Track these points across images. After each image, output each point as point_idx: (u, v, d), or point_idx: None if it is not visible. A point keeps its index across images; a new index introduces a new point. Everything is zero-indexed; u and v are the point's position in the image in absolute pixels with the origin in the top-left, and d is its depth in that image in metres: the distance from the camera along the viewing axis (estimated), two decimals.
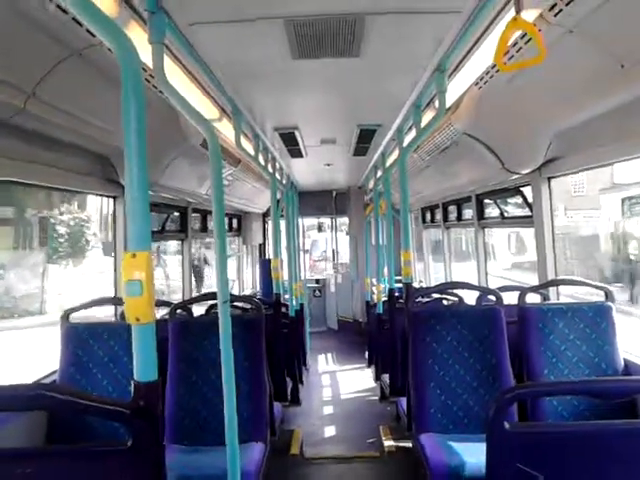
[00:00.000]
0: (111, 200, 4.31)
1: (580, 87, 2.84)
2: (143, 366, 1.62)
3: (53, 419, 3.12)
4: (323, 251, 13.55)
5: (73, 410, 1.57)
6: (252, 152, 4.92)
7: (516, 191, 4.83)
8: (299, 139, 5.32)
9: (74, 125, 3.05)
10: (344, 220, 11.76)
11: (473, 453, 2.84)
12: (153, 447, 1.57)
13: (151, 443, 1.55)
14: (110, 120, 3.08)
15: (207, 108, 3.86)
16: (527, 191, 4.61)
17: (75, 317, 3.49)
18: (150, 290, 1.60)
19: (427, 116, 4.01)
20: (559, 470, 1.45)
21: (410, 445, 3.62)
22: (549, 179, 4.11)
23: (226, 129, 4.41)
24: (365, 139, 5.39)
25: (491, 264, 7.49)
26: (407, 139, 4.66)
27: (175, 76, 3.06)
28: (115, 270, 4.35)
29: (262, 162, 5.31)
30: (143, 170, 1.64)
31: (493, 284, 5.35)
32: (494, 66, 3.08)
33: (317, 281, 11.59)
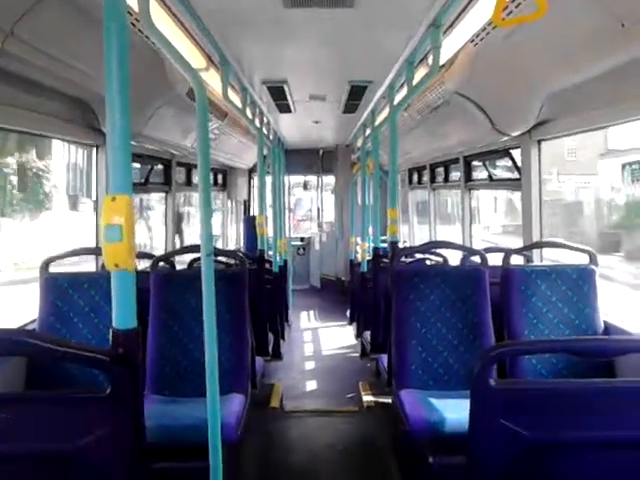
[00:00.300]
0: (80, 150, 4.18)
1: (578, 46, 2.78)
2: (122, 313, 1.60)
3: (32, 366, 3.10)
4: (308, 210, 13.35)
5: (52, 357, 1.55)
6: (239, 105, 4.81)
7: (505, 153, 4.80)
8: (288, 94, 5.22)
9: (55, 68, 2.93)
10: (329, 180, 11.69)
11: (452, 409, 2.89)
12: (132, 395, 1.56)
13: (130, 391, 1.54)
14: (92, 64, 2.96)
15: (194, 56, 3.74)
16: (516, 154, 4.58)
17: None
18: (130, 236, 1.57)
19: (420, 73, 3.94)
20: (541, 427, 1.46)
21: (389, 401, 3.68)
22: (539, 142, 4.08)
23: (213, 80, 4.29)
24: (355, 96, 5.30)
25: (479, 228, 7.45)
26: (398, 97, 4.58)
27: (161, 20, 2.94)
28: (97, 221, 4.28)
29: (249, 116, 5.20)
30: (125, 115, 1.60)
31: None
32: (491, 22, 3.00)
33: (301, 239, 11.58)
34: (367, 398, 4.88)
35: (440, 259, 4.55)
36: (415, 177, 8.45)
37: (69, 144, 4.14)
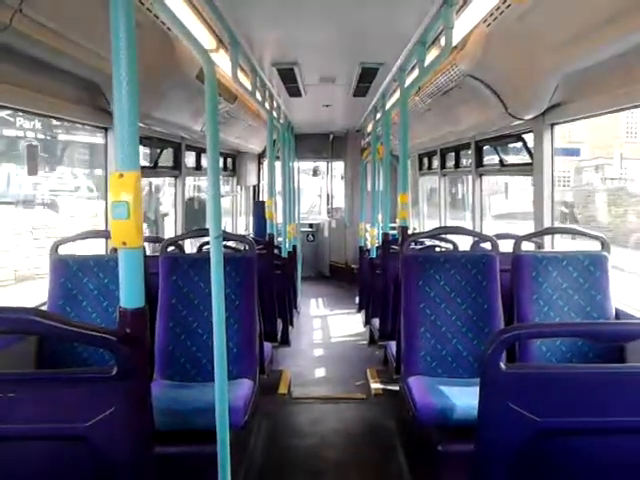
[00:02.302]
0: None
1: (593, 26, 2.70)
2: (129, 292, 1.59)
3: (42, 348, 3.11)
4: (316, 199, 12.98)
5: (60, 336, 1.54)
6: (249, 88, 4.77)
7: (517, 138, 4.73)
8: (298, 76, 5.17)
9: (64, 48, 2.89)
10: (339, 166, 11.61)
11: (461, 396, 2.86)
12: (139, 375, 1.55)
13: (137, 371, 1.53)
14: (102, 45, 2.93)
15: (203, 36, 3.69)
16: (528, 139, 4.52)
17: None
18: (137, 213, 1.55)
19: (431, 55, 3.88)
20: (552, 412, 1.44)
21: (397, 388, 3.66)
22: (552, 125, 4.01)
23: (223, 62, 4.25)
24: (366, 78, 5.24)
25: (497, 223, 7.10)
26: (409, 80, 4.52)
27: None
28: (106, 204, 4.27)
29: (259, 99, 5.16)
30: (133, 92, 1.57)
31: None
32: (505, 0, 2.94)
33: (310, 226, 11.53)
34: (375, 385, 4.86)
35: (450, 246, 4.51)
36: (425, 163, 8.38)
37: None
